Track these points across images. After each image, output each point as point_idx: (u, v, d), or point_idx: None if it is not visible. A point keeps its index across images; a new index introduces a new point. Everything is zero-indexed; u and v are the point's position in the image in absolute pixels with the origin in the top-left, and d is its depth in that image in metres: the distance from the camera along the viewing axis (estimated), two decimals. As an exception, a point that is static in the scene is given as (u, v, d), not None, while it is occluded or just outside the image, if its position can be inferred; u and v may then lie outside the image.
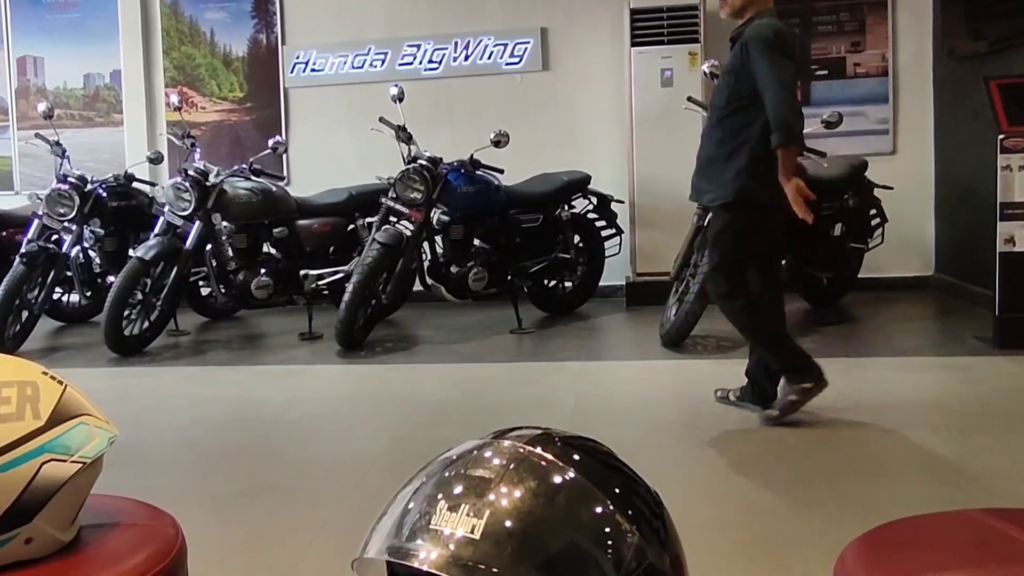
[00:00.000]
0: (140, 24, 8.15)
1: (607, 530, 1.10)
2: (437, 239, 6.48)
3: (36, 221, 6.48)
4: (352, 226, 6.74)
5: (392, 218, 6.19)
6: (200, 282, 6.86)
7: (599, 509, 1.11)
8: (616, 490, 1.14)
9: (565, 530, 1.08)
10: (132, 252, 6.25)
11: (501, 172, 6.40)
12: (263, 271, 6.39)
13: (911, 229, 7.28)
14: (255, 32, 8.15)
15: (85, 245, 6.77)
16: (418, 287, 6.50)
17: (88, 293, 6.91)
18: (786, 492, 3.32)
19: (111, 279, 6.30)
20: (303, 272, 6.44)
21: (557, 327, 6.58)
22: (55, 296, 6.80)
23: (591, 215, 6.99)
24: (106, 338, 5.90)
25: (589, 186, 6.92)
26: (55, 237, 6.50)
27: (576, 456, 1.16)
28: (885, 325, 6.27)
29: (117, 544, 1.64)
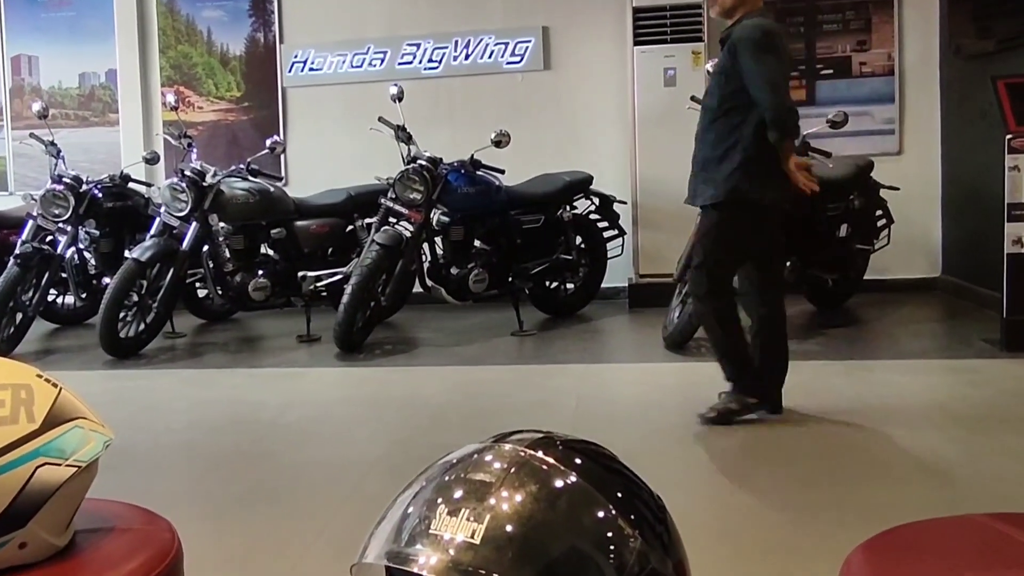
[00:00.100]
0: (136, 23, 8.16)
1: (609, 535, 1.10)
2: (437, 240, 6.48)
3: (30, 222, 6.48)
4: (351, 227, 6.74)
5: (391, 219, 6.19)
6: (197, 284, 6.86)
7: (601, 513, 1.11)
8: (618, 494, 1.14)
9: (566, 535, 1.08)
10: (128, 253, 6.26)
11: (502, 172, 6.40)
12: (261, 272, 6.39)
13: (917, 230, 7.28)
14: (253, 31, 8.15)
15: (80, 246, 6.76)
16: (418, 289, 6.50)
17: (83, 295, 6.90)
18: (791, 496, 3.32)
19: (106, 281, 6.30)
20: (301, 273, 6.44)
21: (559, 329, 6.58)
22: (50, 298, 6.79)
23: (593, 216, 6.99)
24: (101, 340, 5.90)
25: (591, 187, 6.92)
26: (50, 238, 6.50)
27: (578, 460, 1.16)
28: (891, 327, 6.27)
29: (112, 549, 1.64)
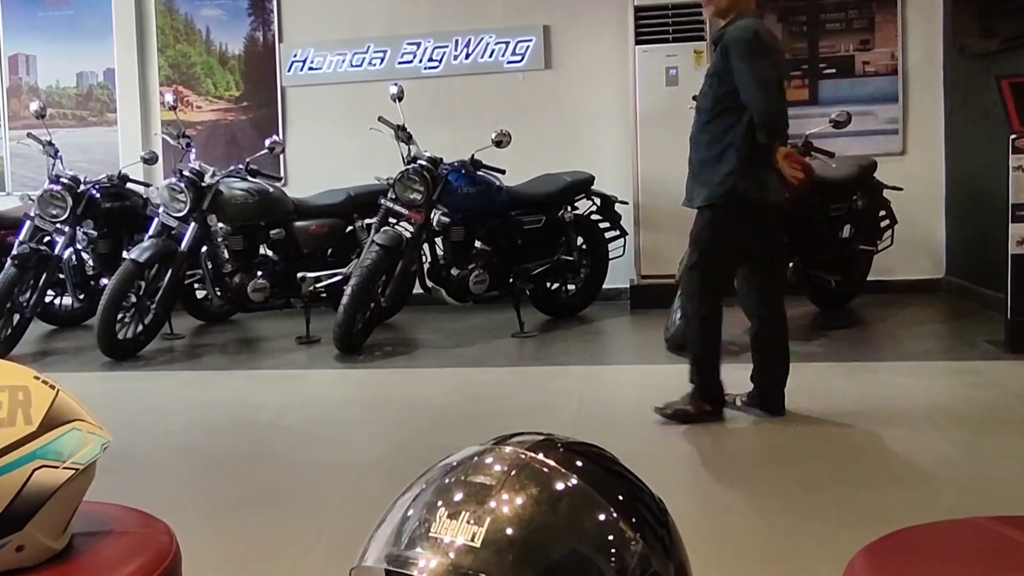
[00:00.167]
0: (134, 22, 8.16)
1: (610, 538, 1.10)
2: (437, 241, 6.48)
3: (28, 222, 6.48)
4: (350, 228, 6.74)
5: (391, 219, 6.19)
6: (195, 285, 6.87)
7: (602, 516, 1.11)
8: (620, 497, 1.14)
9: (567, 538, 1.08)
10: (126, 254, 6.26)
11: (503, 172, 6.40)
12: (260, 273, 6.39)
13: (921, 231, 7.28)
14: (252, 30, 8.15)
15: (78, 247, 6.76)
16: (418, 290, 6.50)
17: (81, 296, 6.91)
18: (793, 499, 3.32)
19: (104, 282, 6.30)
20: (300, 275, 6.44)
21: (560, 331, 6.58)
22: (47, 299, 6.80)
23: (594, 216, 6.99)
24: (99, 342, 5.90)
25: (592, 187, 6.92)
26: (47, 239, 6.50)
27: (579, 462, 1.16)
28: (894, 329, 6.27)
29: (110, 552, 1.64)
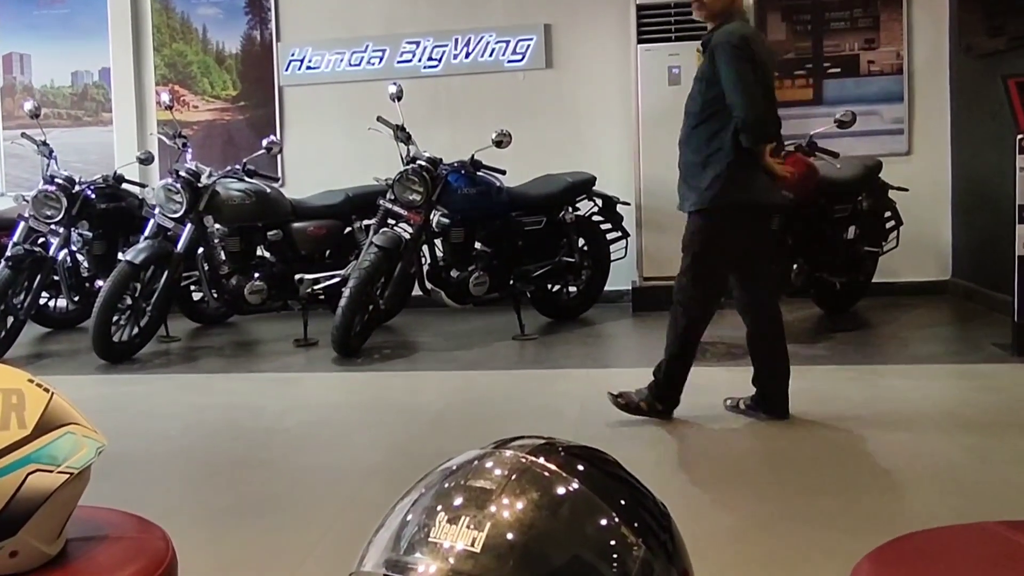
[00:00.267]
0: (130, 20, 8.17)
1: (612, 543, 1.09)
2: (437, 242, 6.48)
3: (22, 223, 6.48)
4: (349, 229, 6.75)
5: (390, 220, 6.20)
6: (192, 287, 6.88)
7: (604, 521, 1.11)
8: (622, 502, 1.14)
9: (569, 543, 1.08)
10: (121, 256, 6.26)
11: (503, 173, 6.40)
12: (257, 275, 6.39)
13: (927, 232, 7.28)
14: (249, 28, 8.16)
15: (73, 248, 6.76)
16: (417, 292, 6.50)
17: (76, 298, 6.90)
18: (798, 504, 3.32)
19: (99, 283, 6.29)
20: (298, 276, 6.44)
21: (561, 333, 6.58)
22: (41, 301, 6.79)
23: (596, 218, 6.99)
24: (94, 344, 5.90)
25: (594, 188, 6.92)
26: (42, 240, 6.50)
27: (580, 467, 1.16)
28: (900, 331, 6.27)
29: (105, 558, 1.63)
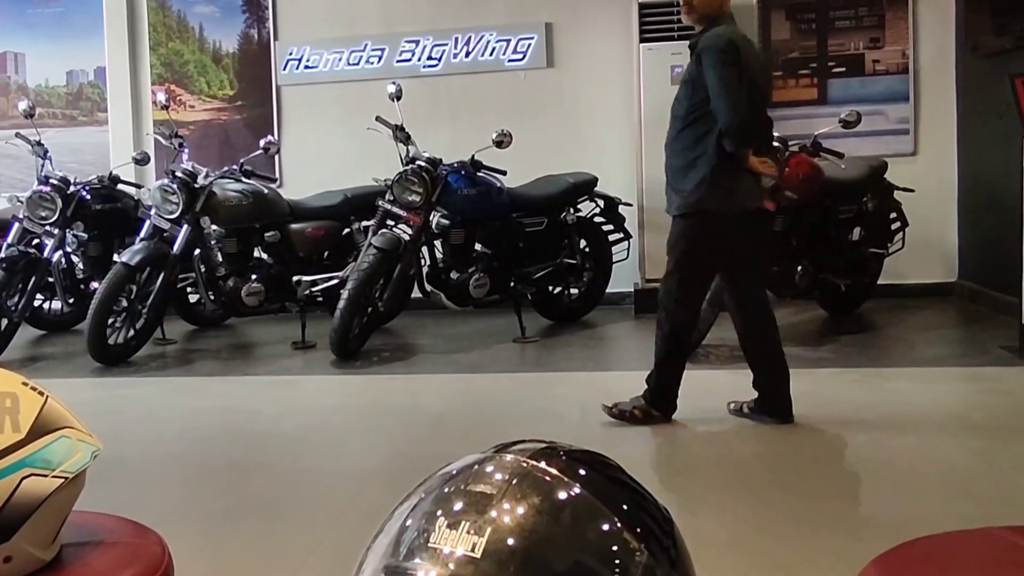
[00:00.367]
0: (126, 19, 8.17)
1: (614, 548, 1.09)
2: (437, 244, 6.48)
3: (16, 225, 6.50)
4: (347, 230, 6.75)
5: (389, 222, 6.20)
6: (188, 289, 6.87)
7: (606, 526, 1.11)
8: (624, 506, 1.13)
9: (570, 548, 1.08)
10: (117, 257, 6.26)
11: (503, 174, 6.40)
12: (254, 277, 6.39)
13: (933, 233, 7.28)
14: (246, 27, 8.16)
15: (68, 250, 6.77)
16: (417, 294, 6.50)
17: (71, 300, 6.91)
18: (803, 509, 3.32)
19: (95, 285, 6.31)
20: (296, 278, 6.44)
21: (562, 336, 6.58)
22: (36, 303, 6.80)
23: (598, 219, 6.99)
24: (89, 347, 5.90)
25: (596, 188, 6.92)
26: (36, 241, 6.52)
27: (582, 471, 1.15)
28: (906, 334, 6.26)
29: (101, 563, 1.63)
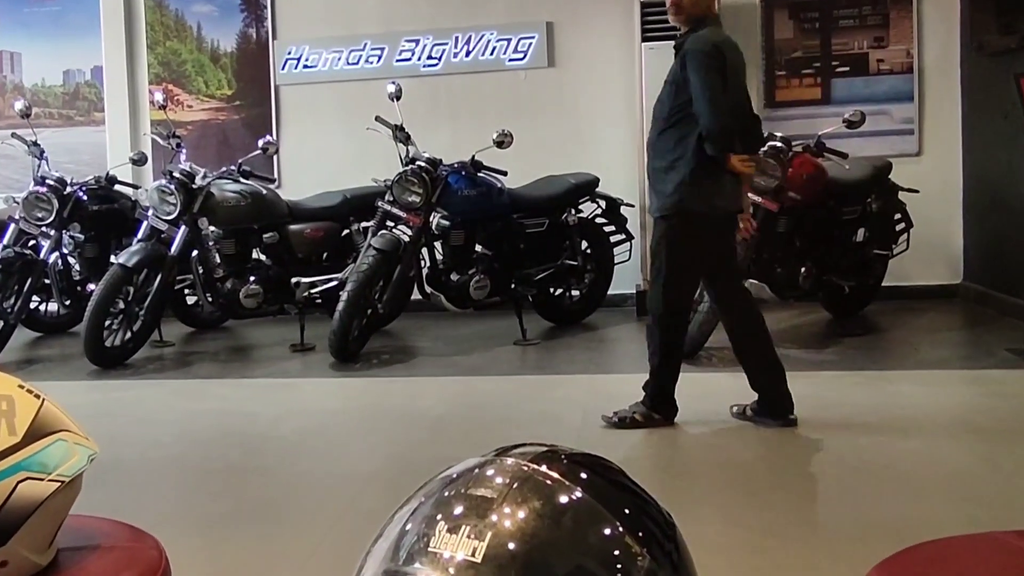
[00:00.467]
0: (123, 18, 8.17)
1: (616, 553, 1.09)
2: (436, 245, 6.48)
3: (12, 226, 6.49)
4: (347, 231, 6.74)
5: (389, 223, 6.20)
6: (186, 290, 6.87)
7: (608, 531, 1.10)
8: (626, 511, 1.13)
9: (572, 553, 1.08)
10: (114, 258, 6.26)
11: (504, 174, 6.40)
12: (252, 279, 6.39)
13: (938, 234, 7.27)
14: (244, 26, 8.17)
15: (64, 251, 6.76)
16: (416, 296, 6.50)
17: (67, 302, 6.91)
18: (806, 512, 3.32)
19: (91, 287, 6.31)
20: (295, 280, 6.44)
21: (564, 338, 6.58)
22: (32, 305, 6.79)
23: (599, 220, 6.99)
24: (86, 349, 5.90)
25: (597, 189, 6.92)
26: (32, 243, 6.51)
27: (583, 474, 1.15)
28: (910, 336, 6.26)
29: (97, 568, 1.63)
